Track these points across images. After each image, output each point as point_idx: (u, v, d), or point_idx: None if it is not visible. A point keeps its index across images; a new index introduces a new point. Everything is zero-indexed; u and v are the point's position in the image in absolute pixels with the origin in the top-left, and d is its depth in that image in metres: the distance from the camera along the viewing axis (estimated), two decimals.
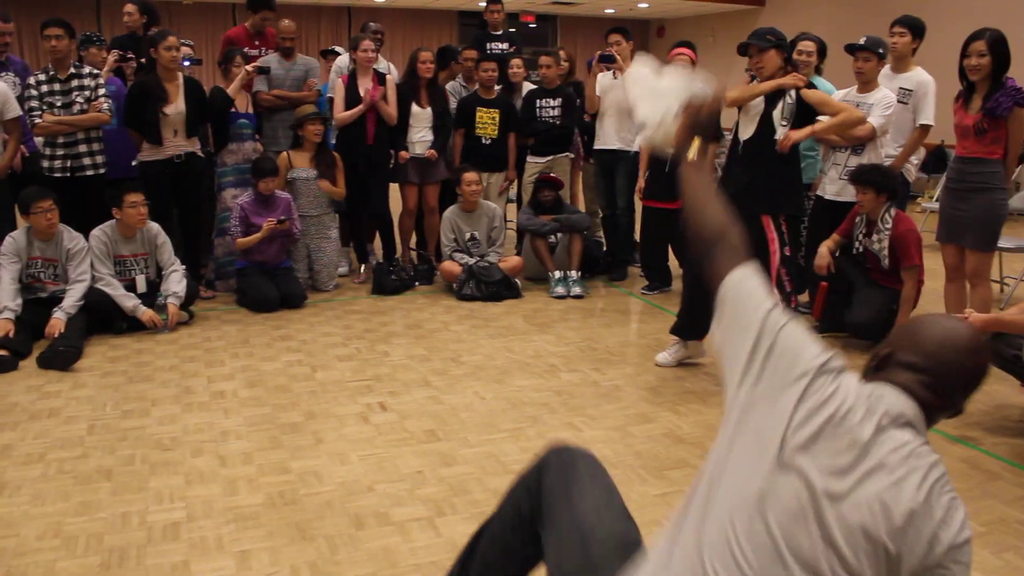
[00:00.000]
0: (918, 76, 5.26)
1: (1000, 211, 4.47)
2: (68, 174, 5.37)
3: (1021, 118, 4.34)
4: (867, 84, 5.08)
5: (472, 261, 6.03)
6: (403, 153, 6.30)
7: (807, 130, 4.01)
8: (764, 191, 4.08)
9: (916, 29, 5.26)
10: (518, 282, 6.12)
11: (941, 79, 5.34)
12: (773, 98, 4.15)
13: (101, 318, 4.98)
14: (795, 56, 5.00)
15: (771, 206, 4.07)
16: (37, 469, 3.26)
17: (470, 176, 6.04)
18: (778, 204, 4.08)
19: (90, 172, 5.45)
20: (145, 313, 5.01)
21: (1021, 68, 4.62)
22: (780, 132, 4.08)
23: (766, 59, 4.05)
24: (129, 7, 6.25)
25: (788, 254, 4.08)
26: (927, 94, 5.22)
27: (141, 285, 5.19)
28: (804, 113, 4.08)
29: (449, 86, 6.85)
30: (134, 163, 5.66)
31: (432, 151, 6.33)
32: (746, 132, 4.24)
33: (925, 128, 5.23)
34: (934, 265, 4.89)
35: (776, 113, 4.08)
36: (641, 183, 6.06)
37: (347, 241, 6.93)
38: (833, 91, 5.46)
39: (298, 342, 4.96)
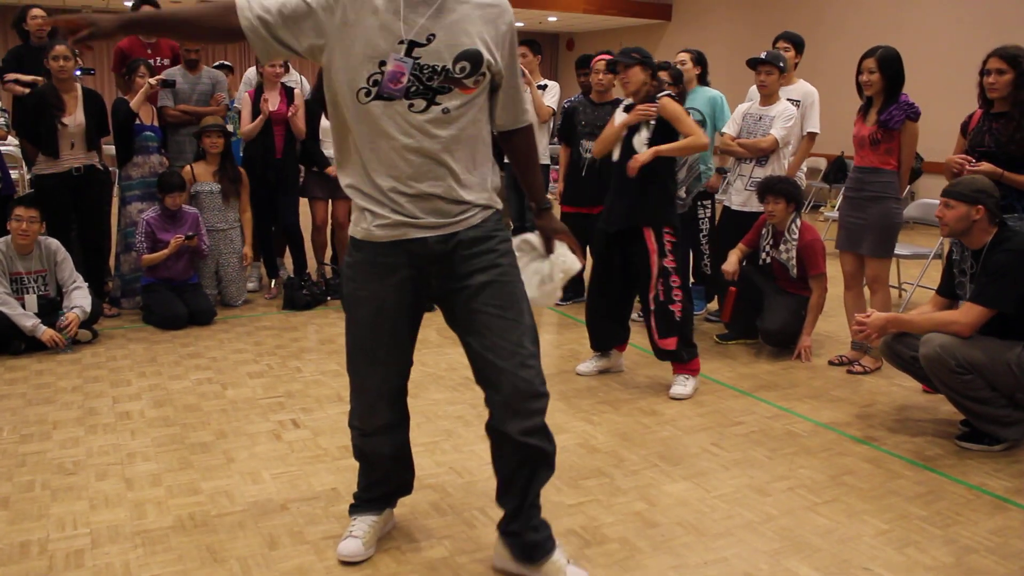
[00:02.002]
0: (803, 87, 5.54)
1: (895, 219, 4.65)
2: None
3: (912, 131, 4.55)
4: (769, 97, 5.23)
5: None
6: (329, 169, 6.20)
7: (649, 153, 4.14)
8: (640, 206, 4.21)
9: (798, 44, 5.63)
10: None
11: (837, 92, 5.55)
12: (634, 126, 4.27)
13: None
14: (678, 65, 5.16)
15: (649, 219, 4.20)
16: None
17: None
18: (656, 217, 4.21)
19: None
20: (45, 332, 4.83)
21: (913, 82, 4.82)
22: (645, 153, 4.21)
23: (631, 75, 4.23)
24: (38, 12, 6.03)
25: (667, 265, 4.19)
26: (813, 103, 5.50)
27: (31, 304, 4.98)
28: (667, 130, 4.20)
29: None
30: (29, 176, 5.45)
31: (332, 167, 6.26)
32: (615, 156, 4.36)
33: (812, 136, 5.50)
34: (836, 272, 5.06)
35: (637, 139, 4.22)
36: (560, 187, 6.11)
37: (257, 256, 6.81)
38: (717, 98, 5.66)
39: (207, 359, 4.85)
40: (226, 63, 7.38)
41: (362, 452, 2.74)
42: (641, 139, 4.21)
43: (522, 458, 2.49)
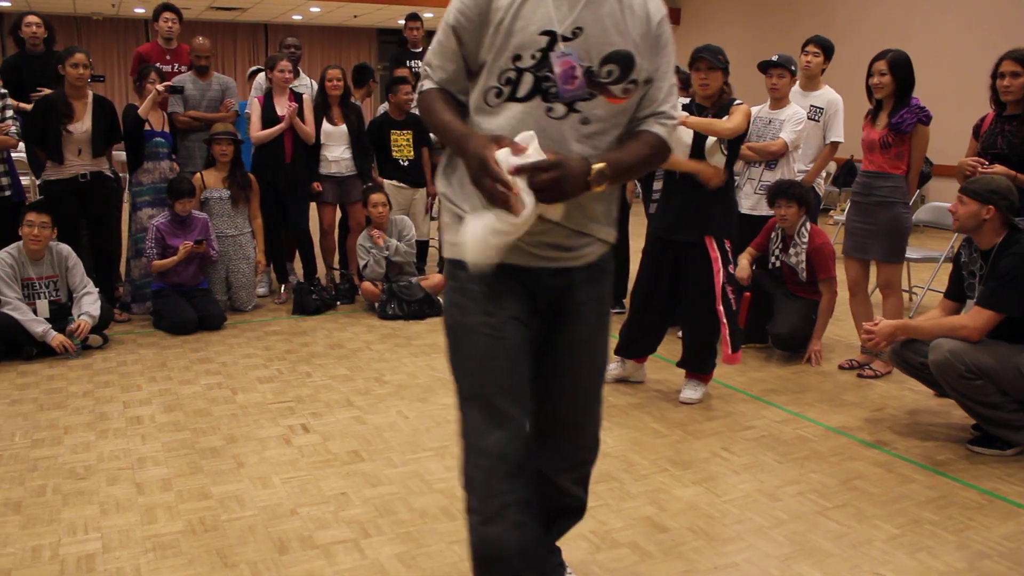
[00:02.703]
0: (828, 95, 5.46)
1: (905, 224, 4.63)
2: None
3: (923, 135, 4.53)
4: (779, 101, 5.22)
5: (384, 270, 6.01)
6: (315, 184, 6.24)
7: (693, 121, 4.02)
8: (704, 215, 4.13)
9: (828, 50, 5.48)
10: (440, 300, 6.10)
11: (847, 95, 5.54)
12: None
13: (9, 344, 4.80)
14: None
15: (713, 228, 4.12)
16: None
17: (375, 197, 6.00)
18: (719, 227, 4.13)
19: None
20: (56, 338, 4.85)
21: (923, 85, 4.81)
22: (718, 160, 4.09)
23: (712, 77, 4.05)
24: (33, 19, 6.01)
25: (732, 271, 4.15)
26: (837, 112, 5.42)
27: (43, 310, 5.00)
28: (733, 140, 4.11)
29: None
30: (38, 182, 5.48)
31: (317, 183, 6.30)
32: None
33: (835, 145, 5.43)
34: (845, 276, 5.04)
35: (710, 142, 4.09)
36: None
37: (267, 261, 6.83)
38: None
39: (217, 364, 4.86)
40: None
41: (483, 553, 1.96)
42: (711, 143, 4.07)
43: (563, 505, 2.37)
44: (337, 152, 6.32)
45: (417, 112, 5.32)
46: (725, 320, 4.15)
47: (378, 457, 3.58)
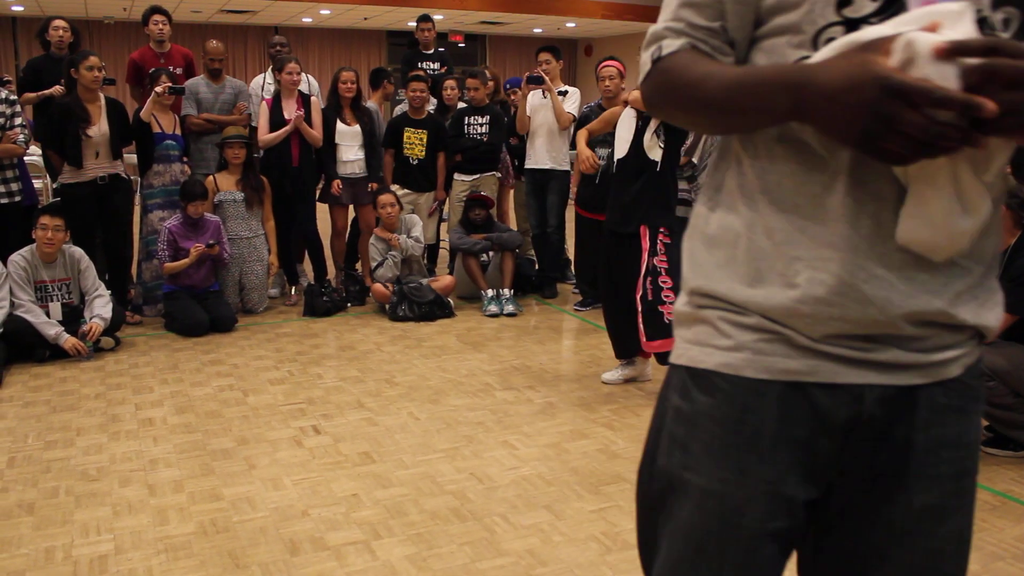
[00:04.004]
0: None
1: None
2: None
3: None
4: None
5: (398, 271, 6.02)
6: (336, 183, 6.28)
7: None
8: (642, 205, 4.20)
9: None
10: (450, 301, 6.11)
11: None
12: (646, 118, 4.20)
13: (22, 346, 4.83)
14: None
15: (649, 218, 4.18)
16: None
17: (384, 198, 6.01)
18: (654, 216, 4.18)
19: (4, 200, 5.27)
20: (68, 341, 4.87)
21: None
22: (656, 153, 4.15)
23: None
24: (60, 23, 6.12)
25: (657, 264, 4.15)
26: None
27: (56, 312, 5.03)
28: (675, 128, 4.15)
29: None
30: (54, 186, 5.52)
31: (337, 182, 6.33)
32: (620, 151, 4.29)
33: None
34: None
35: (647, 135, 4.15)
36: (574, 189, 6.11)
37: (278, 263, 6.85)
38: None
39: (229, 366, 4.88)
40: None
41: None
42: (649, 135, 4.13)
43: None
44: (350, 153, 6.34)
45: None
46: (640, 308, 4.18)
47: (389, 459, 3.58)
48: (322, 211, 6.54)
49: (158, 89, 5.76)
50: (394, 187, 6.39)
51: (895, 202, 1.03)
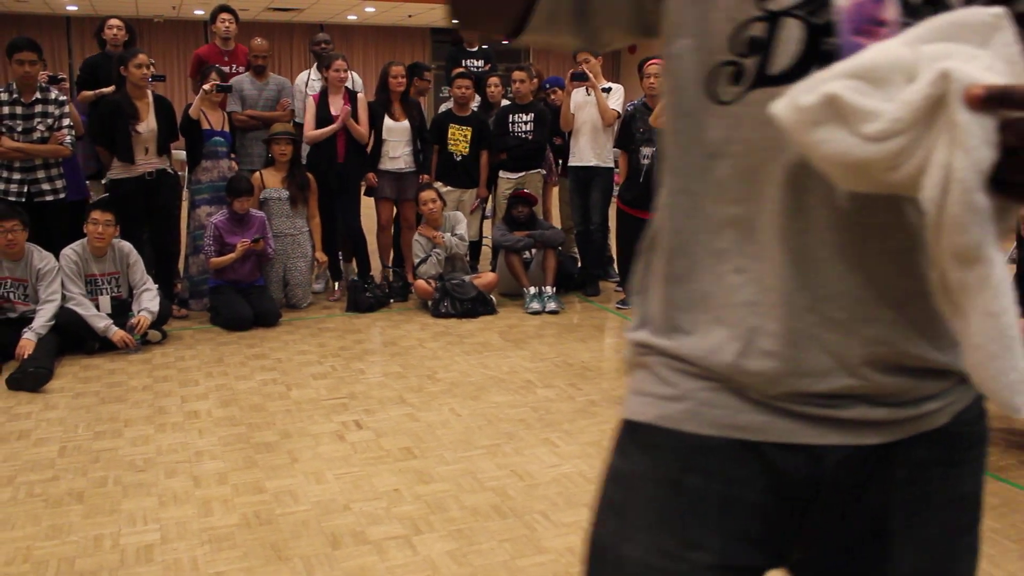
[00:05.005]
0: None
1: None
2: (24, 199, 5.22)
3: None
4: None
5: (442, 270, 6.04)
6: (370, 175, 6.32)
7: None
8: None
9: None
10: (493, 298, 6.12)
11: None
12: None
13: (72, 338, 4.92)
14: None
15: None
16: (6, 493, 3.21)
17: (426, 195, 6.03)
18: None
19: (49, 197, 5.34)
20: (116, 333, 4.96)
21: None
22: None
23: None
24: (115, 22, 6.28)
25: None
26: None
27: (105, 306, 5.12)
28: None
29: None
30: (104, 181, 5.62)
31: (372, 175, 6.40)
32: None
33: None
34: None
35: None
36: (619, 180, 6.08)
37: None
38: None
39: (272, 360, 4.93)
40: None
41: None
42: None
43: None
44: (399, 148, 6.38)
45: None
46: None
47: (430, 454, 3.60)
48: (367, 206, 6.57)
49: (205, 86, 5.83)
50: (437, 184, 6.41)
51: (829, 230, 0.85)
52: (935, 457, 0.95)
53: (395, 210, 6.68)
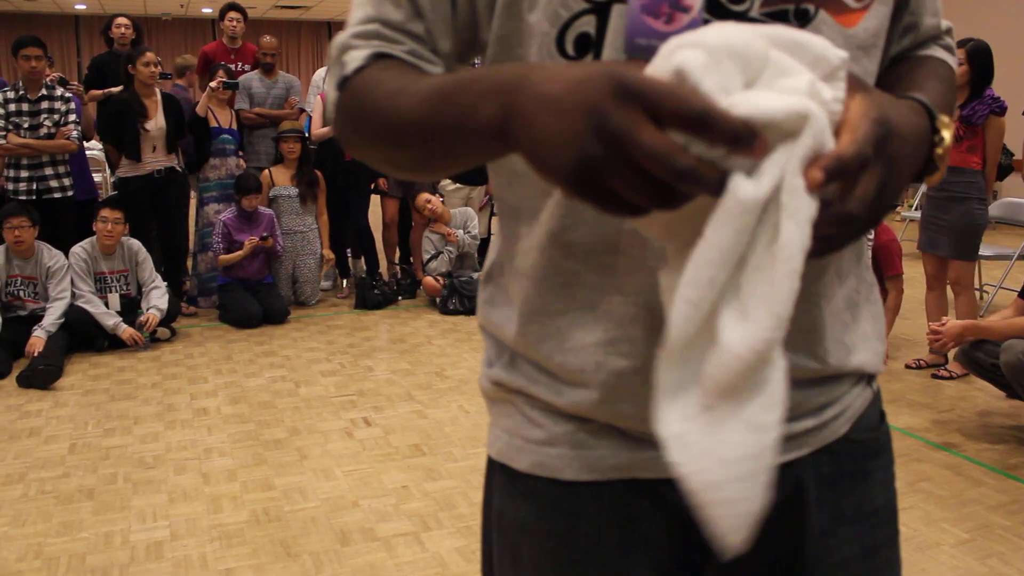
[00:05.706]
0: None
1: (978, 221, 4.51)
2: (34, 196, 5.23)
3: (997, 126, 4.41)
4: None
5: (451, 267, 6.04)
6: (381, 180, 6.33)
7: None
8: None
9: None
10: None
11: None
12: None
13: (82, 336, 4.94)
14: None
15: None
16: (17, 489, 3.23)
17: (421, 198, 6.02)
18: None
19: (57, 195, 5.34)
20: (126, 331, 4.97)
21: (1005, 78, 4.67)
22: None
23: None
24: (123, 21, 6.31)
25: None
26: None
27: (114, 303, 5.14)
28: None
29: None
30: (112, 179, 5.63)
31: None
32: None
33: None
34: (914, 274, 4.93)
35: None
36: None
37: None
38: None
39: (281, 358, 4.94)
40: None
41: None
42: None
43: None
44: None
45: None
46: None
47: (439, 451, 3.60)
48: (374, 203, 6.58)
49: (212, 84, 5.85)
50: (445, 181, 6.41)
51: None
52: (842, 471, 0.90)
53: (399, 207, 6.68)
